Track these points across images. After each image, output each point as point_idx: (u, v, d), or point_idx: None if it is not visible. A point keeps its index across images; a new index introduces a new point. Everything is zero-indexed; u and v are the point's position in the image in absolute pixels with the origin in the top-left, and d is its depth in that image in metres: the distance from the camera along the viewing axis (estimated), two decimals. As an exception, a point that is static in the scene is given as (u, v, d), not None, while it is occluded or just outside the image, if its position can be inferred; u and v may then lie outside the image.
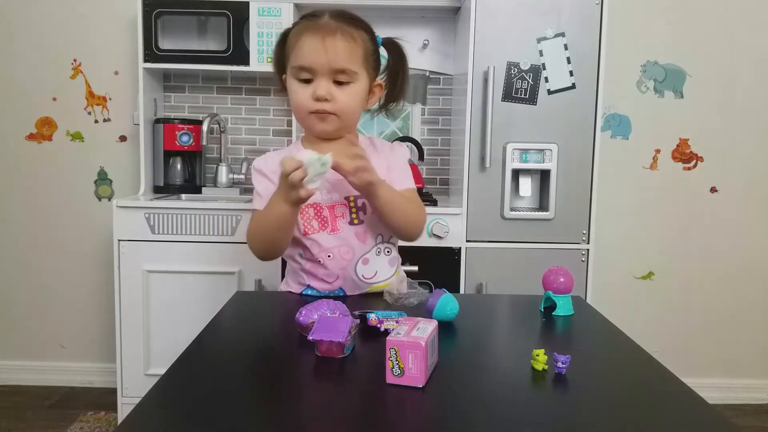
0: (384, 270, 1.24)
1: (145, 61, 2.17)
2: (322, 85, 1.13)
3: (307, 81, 1.14)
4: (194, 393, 0.73)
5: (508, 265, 1.98)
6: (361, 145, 1.27)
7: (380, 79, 1.24)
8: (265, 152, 2.44)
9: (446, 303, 1.00)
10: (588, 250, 2.00)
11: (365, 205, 1.20)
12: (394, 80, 1.25)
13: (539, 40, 1.94)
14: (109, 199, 2.43)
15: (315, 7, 2.21)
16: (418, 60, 2.35)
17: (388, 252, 1.25)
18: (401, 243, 1.32)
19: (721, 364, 2.50)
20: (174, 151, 2.31)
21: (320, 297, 1.21)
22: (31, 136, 2.42)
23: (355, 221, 1.20)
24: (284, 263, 1.30)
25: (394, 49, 1.25)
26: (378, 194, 1.12)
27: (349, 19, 1.16)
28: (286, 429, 0.66)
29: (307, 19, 1.16)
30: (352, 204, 1.21)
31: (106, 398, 2.33)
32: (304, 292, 1.24)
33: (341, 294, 1.23)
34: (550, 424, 0.67)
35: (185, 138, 2.28)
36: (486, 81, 1.93)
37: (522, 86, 1.95)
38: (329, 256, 1.19)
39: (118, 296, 1.98)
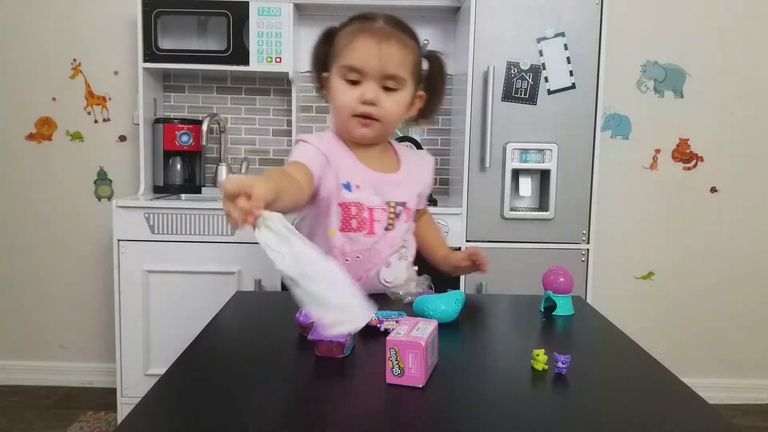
0: (401, 274, 1.24)
1: (145, 60, 2.17)
2: (371, 88, 1.11)
3: (354, 82, 1.12)
4: (194, 393, 0.73)
5: (508, 265, 1.97)
6: (404, 154, 1.26)
7: (421, 91, 1.23)
8: (265, 152, 2.46)
9: (423, 302, 1.00)
10: (588, 250, 2.00)
11: (402, 214, 1.20)
12: (431, 93, 1.22)
13: (539, 40, 1.94)
14: (109, 199, 2.43)
15: (315, 8, 2.24)
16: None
17: (406, 257, 1.25)
18: None
19: (721, 364, 2.50)
20: (174, 151, 2.31)
21: None
22: (30, 136, 2.42)
23: (390, 227, 1.19)
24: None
25: (437, 62, 1.23)
26: None
27: (402, 27, 1.15)
28: (286, 429, 0.65)
29: (360, 21, 1.15)
30: (391, 210, 1.19)
31: (105, 398, 2.33)
32: None
33: None
34: (550, 424, 0.67)
35: (185, 138, 2.28)
36: (486, 81, 1.93)
37: (522, 86, 1.95)
38: (358, 257, 1.18)
39: (118, 296, 1.98)
